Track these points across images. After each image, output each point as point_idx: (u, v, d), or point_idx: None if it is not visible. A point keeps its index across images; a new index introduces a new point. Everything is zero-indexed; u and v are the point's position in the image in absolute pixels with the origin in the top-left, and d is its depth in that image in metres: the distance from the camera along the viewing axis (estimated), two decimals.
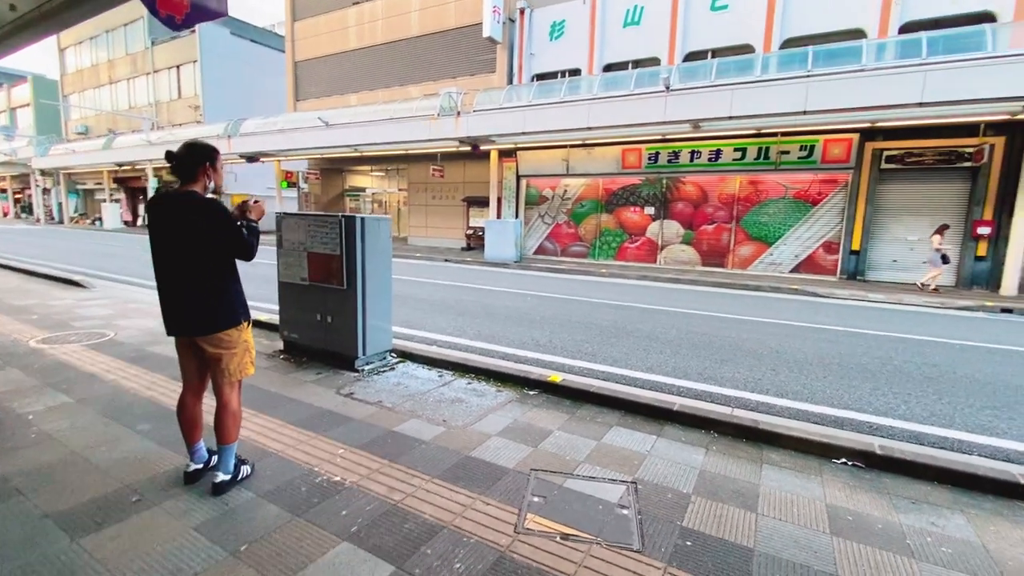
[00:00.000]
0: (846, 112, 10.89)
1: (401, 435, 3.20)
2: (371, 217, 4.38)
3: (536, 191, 17.20)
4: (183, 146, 2.42)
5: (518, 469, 2.82)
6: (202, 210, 2.36)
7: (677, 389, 4.34)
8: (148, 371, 4.24)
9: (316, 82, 21.62)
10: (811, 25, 12.99)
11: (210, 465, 2.63)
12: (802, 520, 2.45)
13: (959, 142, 11.65)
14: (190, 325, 2.42)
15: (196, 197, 2.38)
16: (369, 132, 16.85)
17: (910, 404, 4.17)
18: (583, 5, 15.81)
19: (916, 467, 2.93)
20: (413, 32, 18.74)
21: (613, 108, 12.96)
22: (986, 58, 9.72)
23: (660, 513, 2.45)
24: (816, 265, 13.59)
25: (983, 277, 11.84)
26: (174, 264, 2.38)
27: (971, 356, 5.78)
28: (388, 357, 4.85)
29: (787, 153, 13.26)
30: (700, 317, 7.60)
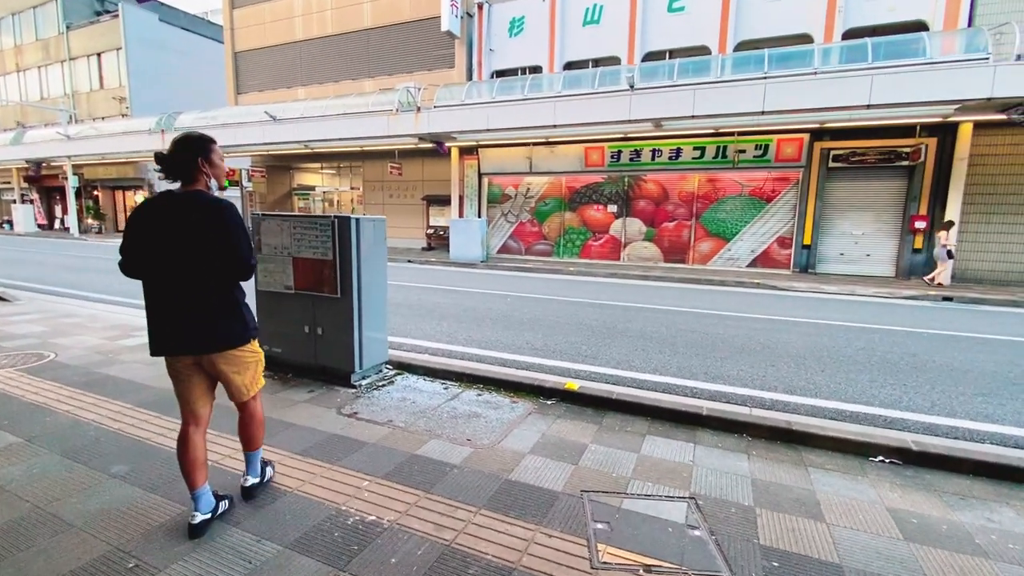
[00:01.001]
0: (801, 112, 11.38)
1: (426, 459, 2.89)
2: (366, 218, 4.00)
3: (499, 189, 16.96)
4: (174, 143, 2.11)
5: (567, 492, 2.59)
6: (216, 212, 2.07)
7: (691, 390, 4.25)
8: (108, 398, 3.67)
9: (259, 74, 20.33)
10: (763, 29, 13.50)
11: (218, 512, 2.26)
12: (872, 527, 2.37)
13: (898, 142, 12.46)
14: (204, 342, 2.13)
15: (205, 198, 2.10)
16: (321, 127, 16.00)
17: (910, 395, 4.29)
18: (542, 3, 15.70)
19: (951, 461, 2.95)
20: (366, 24, 17.97)
21: (578, 106, 12.93)
22: (924, 64, 10.43)
23: (732, 531, 2.30)
24: (771, 259, 14.17)
25: (920, 268, 12.72)
26: (181, 274, 2.07)
27: (941, 344, 6.10)
28: (384, 369, 4.48)
29: (743, 152, 13.73)
30: (682, 314, 7.65)
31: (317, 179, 23.19)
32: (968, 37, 10.59)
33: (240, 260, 2.10)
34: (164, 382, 3.99)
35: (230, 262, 2.10)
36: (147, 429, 3.17)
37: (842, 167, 13.21)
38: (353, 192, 21.94)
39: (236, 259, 2.10)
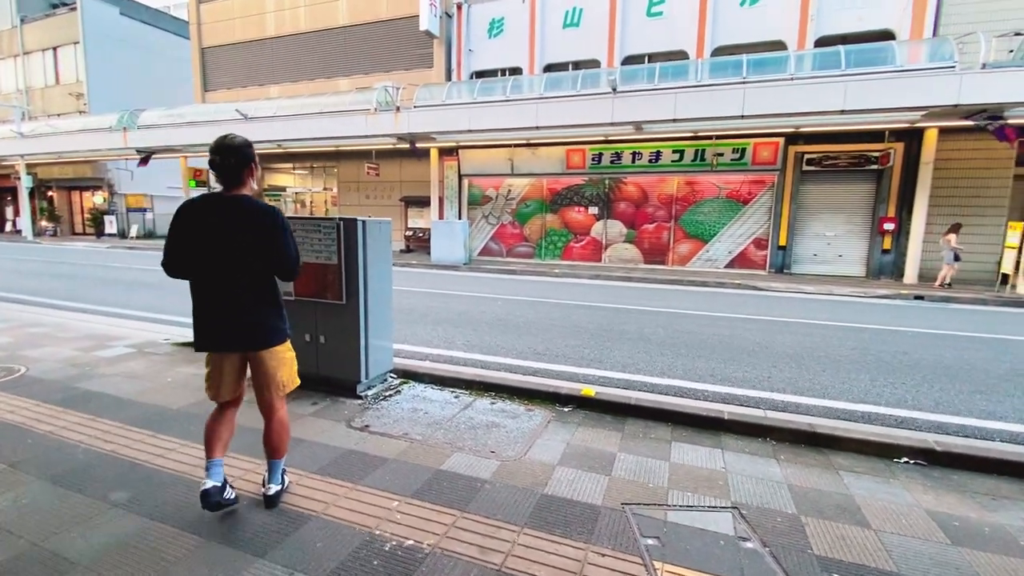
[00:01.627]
0: (779, 117, 11.64)
1: (453, 475, 2.74)
2: (372, 220, 3.82)
3: (479, 191, 16.81)
4: (224, 149, 2.16)
5: (608, 505, 2.49)
6: (266, 217, 2.20)
7: (703, 394, 4.22)
8: (93, 416, 3.37)
9: (228, 71, 19.59)
10: (739, 35, 13.79)
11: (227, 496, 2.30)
12: (918, 532, 2.35)
13: (867, 147, 12.92)
14: (249, 339, 2.27)
15: (255, 203, 2.21)
16: (296, 127, 15.51)
17: (912, 394, 4.37)
18: (522, 4, 15.65)
19: (974, 461, 2.99)
20: (341, 21, 17.55)
21: (561, 108, 12.91)
22: (895, 71, 10.83)
23: (784, 542, 2.24)
24: (748, 260, 14.48)
25: (889, 268, 13.22)
26: (231, 274, 2.18)
27: (926, 342, 6.29)
28: (389, 379, 4.29)
29: (721, 155, 13.99)
30: (674, 316, 7.68)
31: (289, 180, 22.53)
32: (935, 46, 11.05)
33: (290, 261, 2.26)
34: (151, 397, 3.73)
35: (279, 263, 2.25)
36: (143, 450, 2.91)
37: (815, 170, 13.61)
38: (327, 193, 21.40)
39: (286, 261, 2.25)
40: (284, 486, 2.51)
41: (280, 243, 2.21)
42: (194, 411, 3.50)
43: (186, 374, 4.31)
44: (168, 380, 4.14)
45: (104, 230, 23.36)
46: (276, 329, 2.33)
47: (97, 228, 23.61)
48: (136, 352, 4.91)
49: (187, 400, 3.72)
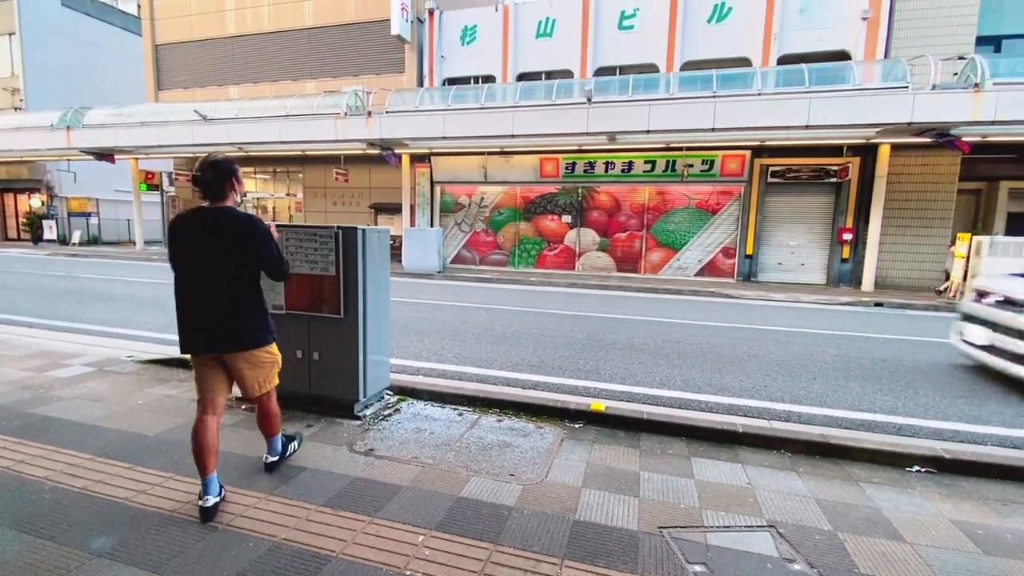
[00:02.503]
0: (748, 131, 12.05)
1: (476, 502, 2.57)
2: (372, 229, 3.61)
3: (452, 198, 16.60)
4: (207, 166, 2.35)
5: (645, 530, 2.38)
6: (244, 225, 2.36)
7: (707, 405, 4.20)
8: (56, 447, 2.99)
9: (185, 70, 18.64)
10: (706, 51, 14.21)
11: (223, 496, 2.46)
12: (950, 543, 2.36)
13: (827, 161, 13.54)
14: (228, 342, 2.41)
15: (234, 213, 2.38)
16: (260, 129, 14.89)
17: (901, 400, 4.49)
18: (495, 13, 15.64)
19: (980, 467, 3.06)
20: (307, 23, 17.03)
21: (537, 117, 12.92)
22: (854, 89, 11.40)
23: (829, 562, 2.19)
24: (717, 269, 14.87)
25: (847, 276, 13.85)
26: (210, 280, 2.35)
27: (900, 348, 6.54)
28: (386, 396, 4.06)
29: (691, 166, 14.34)
30: (659, 324, 7.72)
31: (250, 184, 21.57)
32: (888, 67, 11.71)
33: (272, 261, 2.45)
34: (122, 423, 3.37)
35: (264, 265, 2.44)
36: (122, 486, 2.59)
37: (779, 182, 14.14)
38: (290, 199, 20.65)
39: (269, 261, 2.44)
40: (287, 453, 2.90)
41: (262, 247, 2.39)
42: (175, 437, 3.18)
43: (158, 395, 3.94)
44: (139, 403, 3.77)
45: (43, 236, 21.70)
46: (251, 334, 2.44)
47: (34, 234, 21.90)
48: (96, 371, 4.47)
49: (165, 425, 3.38)
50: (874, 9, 12.83)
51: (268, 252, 2.42)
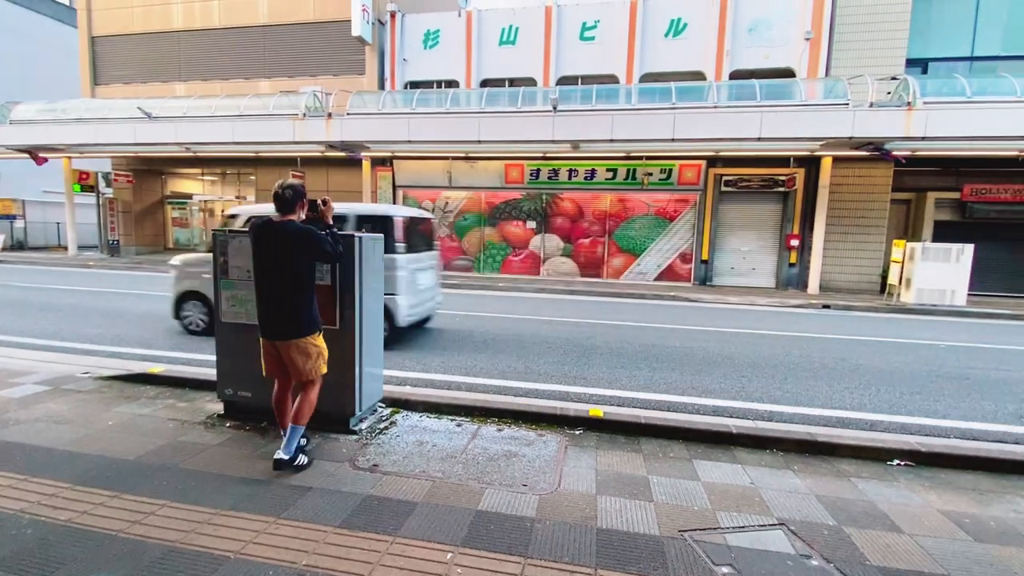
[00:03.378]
0: (705, 141, 12.58)
1: (496, 515, 2.53)
2: (368, 236, 3.50)
3: (415, 203, 16.34)
4: (287, 187, 2.89)
5: (667, 534, 2.42)
6: (302, 236, 2.86)
7: (693, 407, 4.34)
8: (26, 476, 2.71)
9: (125, 64, 17.43)
10: (664, 64, 14.73)
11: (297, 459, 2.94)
12: (943, 532, 2.54)
13: (776, 171, 14.33)
14: (280, 331, 2.88)
15: (296, 225, 2.88)
16: (211, 129, 14.14)
17: (868, 397, 4.81)
18: (458, 18, 15.60)
19: (952, 459, 3.32)
20: (262, 20, 16.35)
21: (503, 123, 12.97)
22: (801, 105, 12.15)
23: (842, 555, 2.31)
24: (675, 273, 15.40)
25: (795, 280, 14.68)
26: (272, 279, 2.87)
27: (856, 348, 7.00)
28: (379, 408, 3.93)
29: (651, 175, 14.80)
30: (634, 329, 7.90)
31: (196, 186, 20.51)
32: (830, 85, 12.57)
33: (329, 255, 2.96)
34: (95, 447, 3.11)
35: (324, 259, 3.00)
36: (111, 516, 2.38)
37: (732, 191, 14.83)
38: (240, 202, 19.71)
39: (328, 256, 2.96)
40: (295, 462, 2.92)
41: (315, 251, 2.90)
42: (160, 461, 2.96)
43: (129, 415, 3.65)
44: (109, 423, 3.47)
45: None
46: (297, 325, 2.87)
47: None
48: (52, 390, 4.09)
49: (144, 447, 3.13)
50: (816, 30, 13.73)
51: (322, 253, 2.91)
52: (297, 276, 2.86)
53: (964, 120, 11.04)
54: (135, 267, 14.66)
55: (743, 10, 14.10)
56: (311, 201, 2.99)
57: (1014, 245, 14.16)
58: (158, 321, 7.15)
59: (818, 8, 13.63)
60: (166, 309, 6.54)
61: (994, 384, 5.35)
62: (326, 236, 2.93)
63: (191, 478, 2.78)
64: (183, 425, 3.52)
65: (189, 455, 3.06)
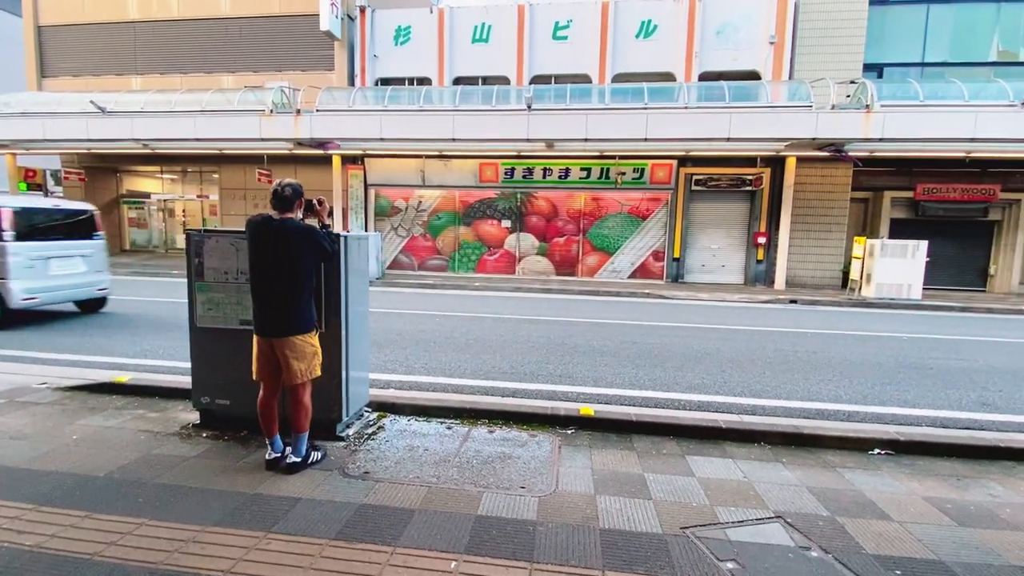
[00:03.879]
0: (677, 141, 12.81)
1: (497, 520, 2.48)
2: (353, 235, 3.39)
3: (388, 201, 16.08)
4: (287, 186, 2.86)
5: (669, 532, 2.42)
6: (300, 233, 2.85)
7: (679, 403, 4.38)
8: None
9: (76, 56, 16.47)
10: (635, 64, 14.92)
11: (284, 453, 2.96)
12: (930, 519, 2.63)
13: (743, 170, 14.72)
14: (275, 328, 2.83)
15: (294, 223, 2.86)
16: (170, 124, 13.53)
17: (842, 389, 4.97)
18: (430, 15, 15.41)
19: (928, 446, 3.45)
20: (224, 12, 15.74)
21: (477, 122, 12.88)
22: (767, 107, 12.52)
23: (839, 545, 2.35)
24: (648, 271, 15.64)
25: (762, 276, 15.13)
26: (268, 277, 2.82)
27: (827, 342, 7.24)
28: (365, 413, 3.82)
29: (624, 174, 14.98)
30: (613, 326, 7.96)
31: (154, 185, 19.61)
32: (794, 88, 13.00)
33: (327, 253, 2.95)
34: (59, 463, 2.91)
35: (321, 258, 2.97)
36: (84, 539, 2.21)
37: (702, 190, 15.16)
38: (202, 201, 18.98)
39: (326, 254, 2.95)
40: (308, 460, 2.98)
41: (320, 247, 2.90)
42: (133, 476, 2.78)
43: (95, 428, 3.43)
44: (74, 438, 3.25)
45: None
46: (292, 323, 2.83)
47: None
48: (6, 403, 3.80)
49: (115, 462, 2.94)
50: (780, 34, 14.17)
51: (322, 251, 2.90)
52: (296, 273, 2.82)
53: (918, 122, 11.59)
54: None
55: (710, 13, 14.42)
56: (307, 200, 2.96)
57: (962, 241, 14.98)
58: (119, 326, 6.78)
59: (781, 14, 14.07)
60: (126, 313, 6.22)
61: (955, 373, 5.62)
62: (324, 235, 2.93)
63: (169, 493, 2.62)
64: (156, 437, 3.33)
65: (165, 469, 2.89)
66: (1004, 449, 3.37)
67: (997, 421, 4.16)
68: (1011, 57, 13.80)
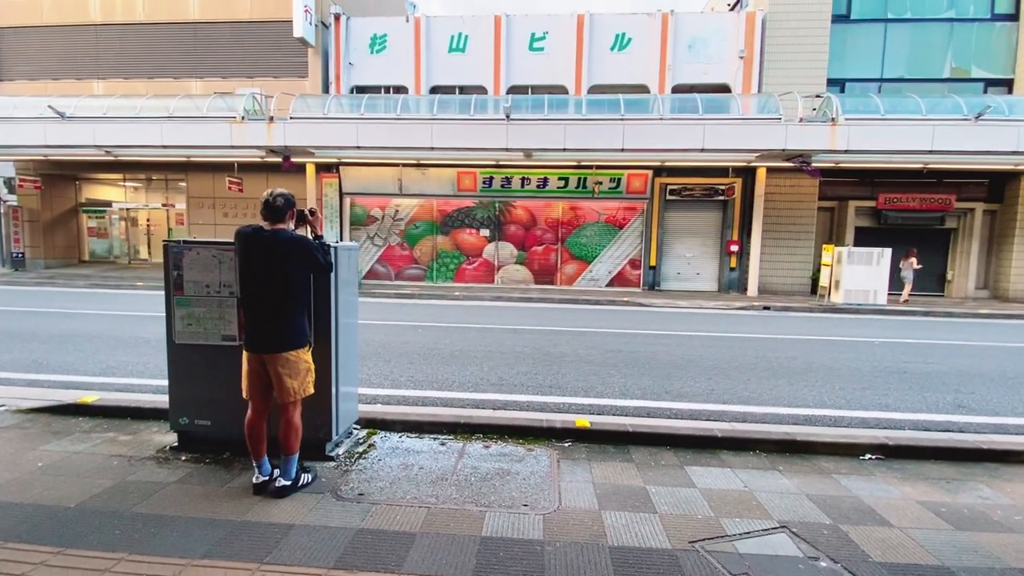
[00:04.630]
0: (653, 152, 13.05)
1: (503, 540, 2.39)
2: (343, 245, 3.27)
3: (363, 210, 15.83)
4: (278, 195, 2.72)
5: (679, 547, 2.38)
6: (292, 244, 2.74)
7: (672, 412, 4.38)
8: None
9: (32, 58, 15.71)
10: (611, 76, 15.16)
11: (273, 476, 2.81)
12: (926, 523, 2.66)
13: (716, 181, 15.08)
14: (267, 343, 2.71)
15: (287, 234, 2.74)
16: (135, 131, 13.00)
17: (826, 394, 5.07)
18: (406, 24, 15.36)
19: (915, 450, 3.53)
20: (193, 16, 15.31)
21: (456, 131, 12.83)
22: (739, 119, 12.89)
23: (846, 554, 2.35)
24: (625, 279, 15.81)
25: (736, 284, 15.47)
26: (259, 288, 2.71)
27: (805, 347, 7.41)
28: (354, 430, 3.67)
29: (601, 184, 15.14)
30: (596, 335, 7.97)
31: (116, 193, 18.85)
32: (763, 101, 13.42)
33: (321, 265, 2.84)
34: (23, 494, 2.72)
35: (314, 270, 2.87)
36: None
37: (676, 200, 15.46)
38: (168, 210, 18.33)
39: (318, 266, 2.84)
40: (299, 483, 2.84)
41: (311, 258, 2.78)
42: (107, 506, 2.58)
43: (62, 453, 3.19)
44: (39, 465, 3.01)
45: None
46: (285, 337, 2.72)
47: None
48: None
49: (86, 491, 2.73)
50: (748, 49, 14.63)
51: (316, 262, 2.80)
52: (290, 286, 2.72)
53: (880, 135, 12.11)
54: (46, 282, 13.17)
55: (682, 28, 14.80)
56: (299, 211, 2.85)
57: (921, 248, 15.62)
58: (81, 342, 6.41)
59: (749, 30, 14.56)
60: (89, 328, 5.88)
61: (928, 377, 5.81)
62: (318, 246, 2.83)
63: (150, 524, 2.44)
64: (130, 462, 3.12)
65: (143, 497, 2.70)
66: (987, 451, 3.47)
67: (974, 423, 4.30)
68: (963, 74, 14.58)
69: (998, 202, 14.99)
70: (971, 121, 11.79)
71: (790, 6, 14.35)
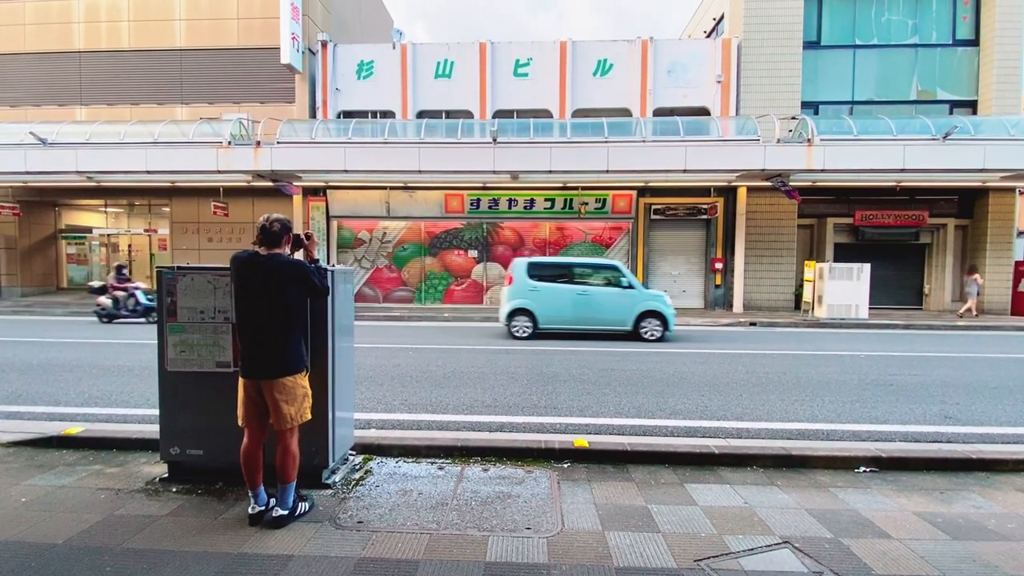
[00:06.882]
0: (636, 173, 13.33)
1: (508, 566, 2.36)
2: (340, 269, 3.28)
3: (351, 233, 15.81)
4: (275, 221, 2.73)
5: (685, 566, 2.37)
6: (288, 269, 2.72)
7: (668, 429, 4.40)
8: None
9: (14, 85, 15.55)
10: (594, 101, 15.54)
11: (270, 506, 2.75)
12: (923, 534, 2.70)
13: (699, 200, 15.42)
14: (263, 370, 2.67)
15: (283, 258, 2.75)
16: (120, 157, 12.90)
17: (816, 408, 5.13)
18: (392, 51, 15.62)
19: (909, 462, 3.58)
20: (178, 43, 15.39)
21: (443, 154, 12.98)
22: (719, 140, 13.25)
23: (851, 568, 2.37)
24: None
25: (721, 300, 15.69)
26: (256, 313, 2.68)
27: (793, 362, 7.51)
28: (350, 456, 3.61)
29: (587, 204, 15.38)
30: (587, 354, 7.99)
31: (97, 219, 18.59)
32: (742, 123, 13.85)
33: (318, 289, 2.82)
34: (8, 531, 2.69)
35: (312, 293, 2.84)
36: None
37: (661, 219, 15.74)
38: (149, 235, 18.09)
39: (316, 289, 2.82)
40: (296, 512, 2.77)
41: (311, 283, 2.77)
42: (96, 543, 2.49)
43: (46, 488, 3.09)
44: (23, 501, 2.91)
45: None
46: (283, 363, 2.69)
47: None
48: None
49: (74, 527, 2.63)
50: (725, 74, 15.16)
51: (313, 287, 2.78)
52: (287, 311, 2.70)
53: (854, 154, 12.54)
54: (23, 311, 12.83)
55: (661, 54, 15.29)
56: (295, 236, 2.85)
57: (898, 263, 16.10)
58: (61, 372, 6.24)
59: (726, 56, 15.10)
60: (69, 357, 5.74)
61: (914, 388, 5.93)
62: (315, 270, 2.81)
63: (142, 560, 2.36)
64: (118, 495, 3.03)
65: (133, 531, 2.62)
66: (976, 460, 3.54)
67: (961, 433, 4.39)
68: (929, 96, 15.24)
69: (968, 218, 15.54)
70: (939, 141, 12.29)
71: (763, 33, 14.93)
